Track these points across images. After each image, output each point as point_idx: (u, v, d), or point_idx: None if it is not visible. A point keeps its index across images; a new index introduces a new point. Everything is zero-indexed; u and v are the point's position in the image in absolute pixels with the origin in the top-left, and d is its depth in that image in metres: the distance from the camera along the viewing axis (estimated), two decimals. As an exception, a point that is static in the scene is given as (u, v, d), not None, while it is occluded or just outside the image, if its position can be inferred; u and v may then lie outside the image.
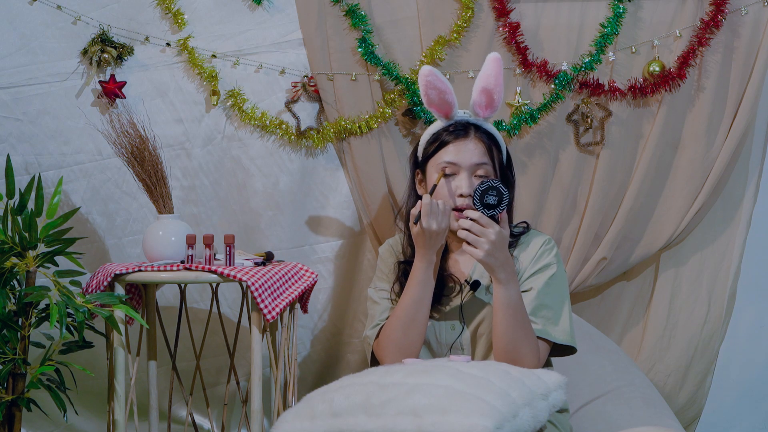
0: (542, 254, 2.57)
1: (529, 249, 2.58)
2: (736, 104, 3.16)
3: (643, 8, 3.17)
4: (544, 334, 2.49)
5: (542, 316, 2.50)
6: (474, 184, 2.52)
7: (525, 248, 2.59)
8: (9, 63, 3.11)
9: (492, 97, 2.55)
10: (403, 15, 3.17)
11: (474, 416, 2.09)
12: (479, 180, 2.53)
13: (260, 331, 2.68)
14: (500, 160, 2.60)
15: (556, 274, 2.55)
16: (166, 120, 3.16)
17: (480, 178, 2.54)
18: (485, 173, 2.54)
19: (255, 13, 3.17)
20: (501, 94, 2.55)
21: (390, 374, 2.26)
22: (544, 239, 2.60)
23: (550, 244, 2.59)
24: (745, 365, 3.43)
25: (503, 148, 2.63)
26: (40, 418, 3.16)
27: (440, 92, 2.58)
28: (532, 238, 2.61)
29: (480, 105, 2.57)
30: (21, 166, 3.11)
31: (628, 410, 2.85)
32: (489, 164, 2.55)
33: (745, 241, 3.26)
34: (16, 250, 2.68)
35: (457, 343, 2.55)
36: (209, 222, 3.20)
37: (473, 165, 2.54)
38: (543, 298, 2.52)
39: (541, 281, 2.53)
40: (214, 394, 3.24)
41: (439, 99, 2.59)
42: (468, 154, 2.54)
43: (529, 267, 2.55)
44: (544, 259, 2.56)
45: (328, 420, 2.20)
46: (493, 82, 2.54)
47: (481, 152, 2.55)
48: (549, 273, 2.55)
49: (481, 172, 2.54)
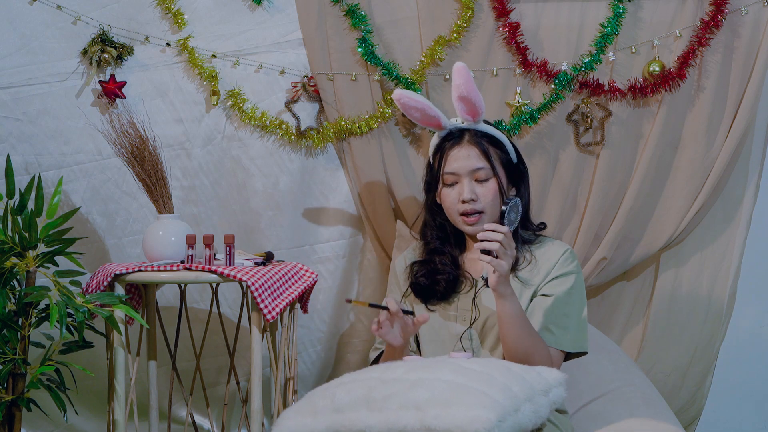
0: (564, 261, 2.60)
1: (549, 254, 2.61)
2: (736, 104, 3.16)
3: (643, 8, 3.17)
4: (557, 345, 2.54)
5: (560, 325, 2.54)
6: (475, 188, 2.57)
7: (544, 252, 2.62)
8: (9, 63, 3.11)
9: (470, 102, 2.59)
10: (403, 15, 3.17)
11: (476, 409, 2.09)
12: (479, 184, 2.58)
13: (260, 331, 2.68)
14: (503, 159, 2.62)
15: (577, 283, 2.59)
16: (166, 120, 3.16)
17: (481, 183, 2.58)
18: (485, 176, 2.58)
19: (255, 13, 3.17)
20: (478, 97, 2.58)
21: (391, 370, 2.27)
22: (566, 248, 2.63)
23: (573, 254, 2.63)
24: (745, 365, 3.43)
25: (507, 146, 2.65)
26: (40, 418, 3.16)
27: (419, 110, 2.67)
28: (551, 244, 2.64)
29: (463, 112, 2.62)
30: (21, 166, 3.11)
31: (628, 410, 2.85)
32: (486, 167, 2.58)
33: (745, 241, 3.26)
34: (16, 250, 2.68)
35: (467, 334, 2.58)
36: (209, 222, 3.20)
37: (470, 171, 2.58)
38: (563, 307, 2.56)
39: (562, 289, 2.57)
40: (214, 394, 3.24)
41: (422, 116, 2.67)
42: (463, 161, 2.59)
43: (551, 272, 2.58)
44: (566, 266, 2.59)
45: (330, 416, 2.21)
46: (464, 89, 2.57)
47: (476, 156, 2.59)
48: (570, 281, 2.58)
49: (481, 176, 2.58)
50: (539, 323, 2.54)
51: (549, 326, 2.54)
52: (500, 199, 2.59)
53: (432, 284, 2.63)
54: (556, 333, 2.54)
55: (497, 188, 2.58)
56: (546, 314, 2.54)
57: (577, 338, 2.56)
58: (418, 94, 2.74)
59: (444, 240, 2.68)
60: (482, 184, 2.58)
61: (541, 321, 2.54)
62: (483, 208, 2.58)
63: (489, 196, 2.58)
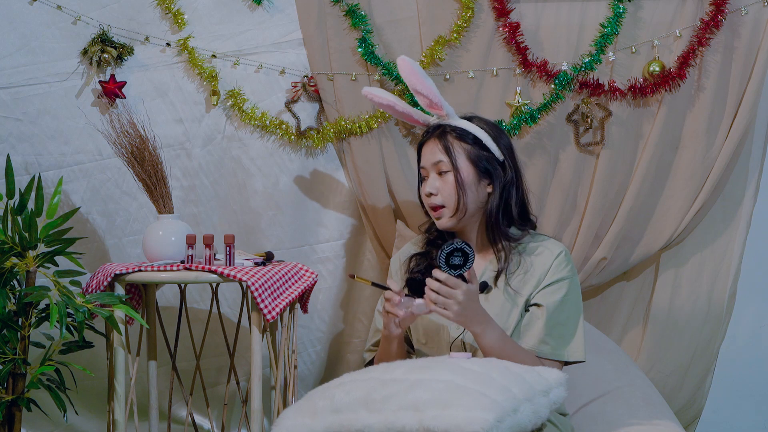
0: (558, 266, 2.55)
1: (543, 258, 2.57)
2: (736, 104, 3.17)
3: (643, 8, 3.17)
4: (555, 356, 2.51)
5: (555, 335, 2.51)
6: (437, 184, 2.58)
7: (537, 255, 2.58)
8: (9, 63, 3.11)
9: (423, 95, 2.62)
10: (403, 15, 3.17)
11: (475, 410, 2.10)
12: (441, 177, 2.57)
13: (260, 331, 2.68)
14: (472, 154, 2.58)
15: (571, 289, 2.55)
16: (166, 120, 3.16)
17: (441, 176, 2.58)
18: (445, 169, 2.57)
19: (255, 13, 3.17)
20: (427, 88, 2.61)
21: (391, 371, 2.28)
22: (560, 250, 2.58)
23: (567, 257, 2.58)
24: (745, 365, 3.43)
25: (484, 141, 2.60)
26: (40, 418, 3.16)
27: (389, 107, 2.74)
28: (547, 244, 2.60)
29: (426, 106, 2.65)
30: (21, 166, 3.11)
31: (628, 410, 2.85)
32: (445, 160, 2.57)
33: (745, 241, 3.26)
34: (16, 250, 2.68)
35: (461, 338, 2.55)
36: (209, 222, 3.20)
37: (432, 165, 2.60)
38: (557, 316, 2.52)
39: (555, 298, 2.53)
40: (214, 394, 3.24)
41: (393, 112, 2.77)
42: (428, 156, 2.62)
43: (544, 278, 2.55)
44: (560, 272, 2.55)
45: (330, 416, 2.21)
46: (414, 81, 2.63)
47: (439, 150, 2.59)
48: (564, 289, 2.54)
49: (441, 168, 2.58)
50: (535, 336, 2.51)
51: (545, 338, 2.50)
52: (459, 194, 2.55)
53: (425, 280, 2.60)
54: (552, 344, 2.51)
55: (454, 181, 2.56)
56: (541, 326, 2.51)
57: (574, 347, 2.53)
58: (385, 91, 2.80)
59: (441, 233, 2.66)
60: (442, 177, 2.58)
61: (536, 333, 2.51)
62: (442, 202, 2.58)
63: (446, 189, 2.57)
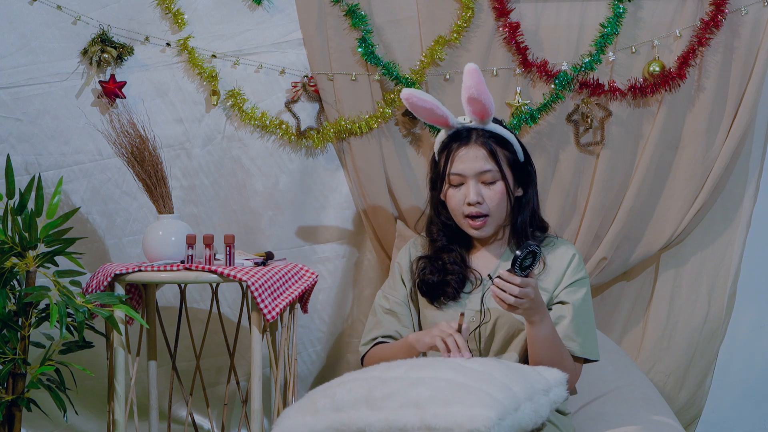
0: (577, 267, 2.58)
1: (559, 257, 2.59)
2: (736, 104, 3.17)
3: (643, 8, 3.17)
4: (582, 353, 2.53)
5: (582, 333, 2.53)
6: (481, 190, 2.53)
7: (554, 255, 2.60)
8: (9, 63, 3.11)
9: (481, 103, 2.55)
10: (403, 15, 3.17)
11: (476, 407, 2.10)
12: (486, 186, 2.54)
13: (260, 331, 2.68)
14: (511, 160, 2.58)
15: (588, 290, 2.59)
16: (166, 120, 3.16)
17: (488, 185, 2.54)
18: (492, 179, 2.54)
19: (255, 13, 3.17)
20: (488, 98, 2.54)
21: (392, 369, 2.28)
22: (574, 250, 2.61)
23: (581, 258, 2.61)
24: (745, 365, 3.42)
25: (515, 146, 2.60)
26: (40, 418, 3.16)
27: (427, 110, 2.62)
28: (559, 244, 2.62)
29: (472, 113, 2.58)
30: (21, 166, 3.11)
31: (628, 410, 2.85)
32: (494, 169, 2.54)
33: (745, 241, 3.27)
34: (16, 250, 2.68)
35: (474, 334, 2.55)
36: (209, 222, 3.20)
37: (477, 173, 2.54)
38: (582, 314, 2.55)
39: (578, 297, 2.55)
40: (214, 394, 3.24)
41: (430, 115, 2.63)
42: (470, 163, 2.55)
43: (563, 277, 2.57)
44: (579, 272, 2.58)
45: (331, 415, 2.21)
46: (475, 91, 2.52)
47: (483, 158, 2.55)
48: (585, 289, 2.57)
49: (488, 178, 2.54)
50: (563, 332, 2.52)
51: (572, 335, 2.52)
52: (507, 202, 2.56)
53: (442, 284, 2.59)
54: (578, 341, 2.53)
55: (504, 191, 2.55)
56: (568, 323, 2.53)
57: (594, 346, 2.56)
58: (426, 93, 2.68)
59: (451, 237, 2.64)
60: (489, 187, 2.55)
61: (562, 330, 2.52)
62: (489, 211, 2.55)
63: (495, 199, 2.55)
